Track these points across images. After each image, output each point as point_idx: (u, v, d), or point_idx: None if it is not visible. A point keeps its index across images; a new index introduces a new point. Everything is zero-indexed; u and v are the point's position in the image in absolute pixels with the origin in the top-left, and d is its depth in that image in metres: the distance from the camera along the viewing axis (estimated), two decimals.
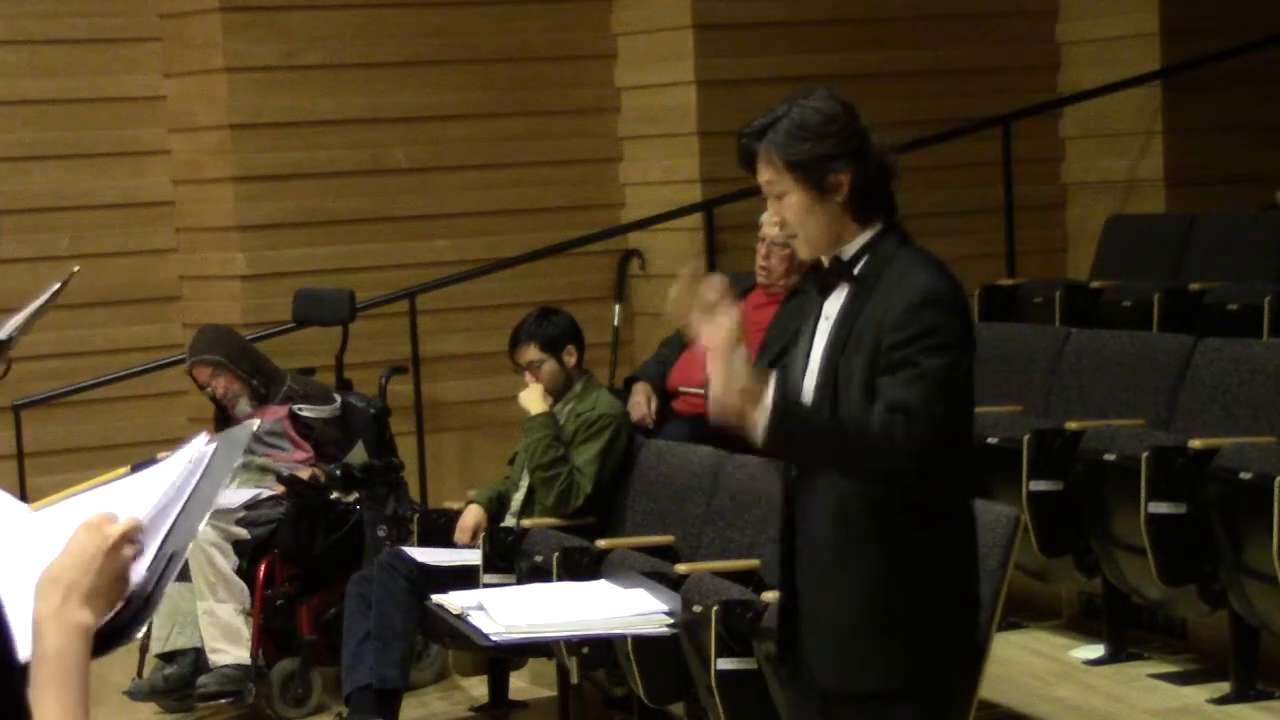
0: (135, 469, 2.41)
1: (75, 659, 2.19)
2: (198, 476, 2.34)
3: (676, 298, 3.92)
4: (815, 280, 4.14)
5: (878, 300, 3.93)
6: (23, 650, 2.18)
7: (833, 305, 4.04)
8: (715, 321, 3.86)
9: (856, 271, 4.00)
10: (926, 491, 3.96)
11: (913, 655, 3.98)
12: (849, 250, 4.02)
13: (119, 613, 2.28)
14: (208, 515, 2.38)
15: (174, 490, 2.32)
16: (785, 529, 4.12)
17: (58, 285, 6.44)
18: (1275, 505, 5.87)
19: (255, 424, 2.66)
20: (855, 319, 3.96)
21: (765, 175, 4.03)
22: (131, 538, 2.25)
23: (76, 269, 6.94)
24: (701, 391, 4.08)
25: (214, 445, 2.38)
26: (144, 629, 2.29)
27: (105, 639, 2.27)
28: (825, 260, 4.07)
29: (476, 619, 5.01)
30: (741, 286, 7.67)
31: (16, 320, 6.23)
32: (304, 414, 7.92)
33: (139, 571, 2.28)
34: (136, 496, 2.33)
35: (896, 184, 4.08)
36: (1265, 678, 6.37)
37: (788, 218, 4.02)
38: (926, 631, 3.99)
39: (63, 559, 2.23)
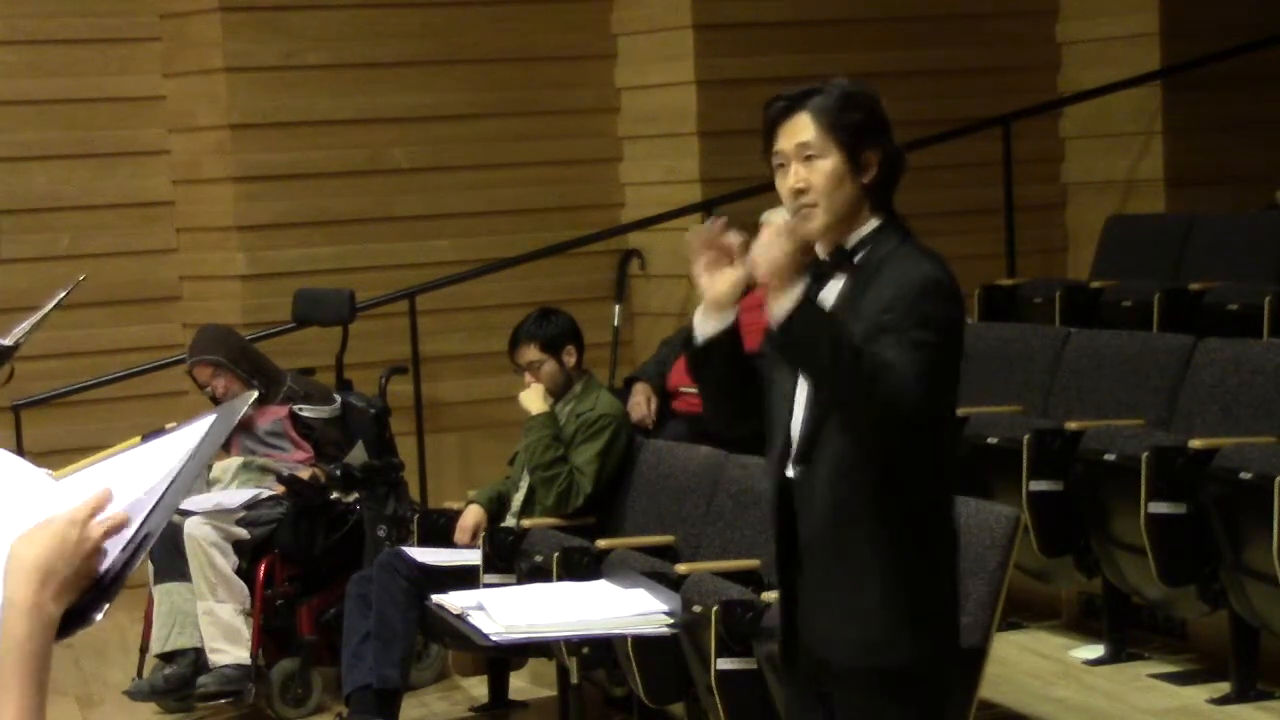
0: (146, 439, 2.41)
1: (43, 650, 2.19)
2: (186, 456, 2.33)
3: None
4: (811, 269, 4.14)
5: (875, 290, 3.94)
6: None
7: (828, 296, 4.04)
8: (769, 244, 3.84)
9: (856, 260, 4.01)
10: (921, 480, 3.98)
11: (921, 639, 3.98)
12: (852, 239, 4.02)
13: (83, 593, 2.26)
14: (185, 495, 2.37)
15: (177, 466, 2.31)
16: (784, 528, 4.12)
17: (64, 292, 6.43)
18: (1275, 505, 5.87)
19: (254, 395, 2.64)
20: (853, 309, 3.96)
21: (804, 136, 4.00)
22: (112, 534, 2.25)
23: (83, 277, 6.94)
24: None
25: (210, 420, 2.38)
26: (104, 612, 2.27)
27: (66, 622, 2.25)
28: (821, 251, 4.08)
29: (476, 619, 5.00)
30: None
31: (24, 327, 6.23)
32: (304, 414, 7.92)
33: (112, 553, 2.27)
34: (148, 467, 2.33)
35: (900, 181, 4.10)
36: (1265, 678, 6.37)
37: (815, 182, 3.98)
38: (931, 616, 4.00)
39: (45, 546, 2.22)
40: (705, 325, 4.02)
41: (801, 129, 4.00)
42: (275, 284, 9.36)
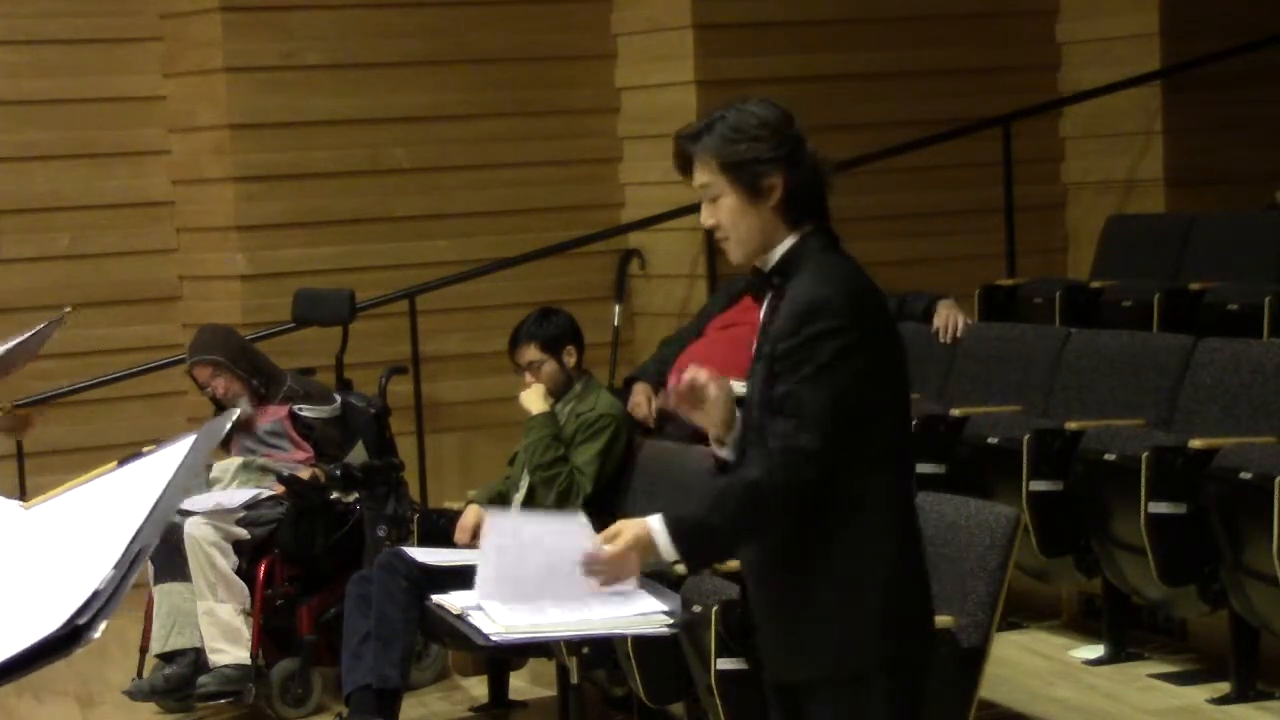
0: (122, 464, 2.39)
1: None
2: (172, 472, 2.31)
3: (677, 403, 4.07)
4: (756, 291, 4.21)
5: (781, 314, 3.99)
6: (10, 651, 2.13)
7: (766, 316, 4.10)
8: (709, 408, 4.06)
9: (776, 281, 4.04)
10: (850, 479, 3.92)
11: (856, 637, 3.95)
12: (771, 259, 4.05)
13: (79, 611, 2.23)
14: (176, 509, 2.33)
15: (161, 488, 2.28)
16: None
17: (42, 325, 6.39)
18: (1275, 505, 5.87)
19: (237, 413, 2.63)
20: (768, 329, 4.01)
21: (701, 178, 4.10)
22: None
23: (69, 309, 6.93)
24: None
25: (192, 438, 2.35)
26: (103, 629, 2.22)
27: (66, 640, 2.21)
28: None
29: (476, 619, 5.00)
30: (740, 287, 7.68)
31: None
32: (304, 414, 7.92)
33: (104, 569, 2.23)
34: (127, 491, 2.30)
35: (830, 190, 4.11)
36: (1265, 678, 6.38)
37: (721, 220, 4.07)
38: (864, 613, 3.96)
39: None
40: (724, 451, 4.09)
41: (700, 170, 4.11)
42: (275, 284, 9.36)
